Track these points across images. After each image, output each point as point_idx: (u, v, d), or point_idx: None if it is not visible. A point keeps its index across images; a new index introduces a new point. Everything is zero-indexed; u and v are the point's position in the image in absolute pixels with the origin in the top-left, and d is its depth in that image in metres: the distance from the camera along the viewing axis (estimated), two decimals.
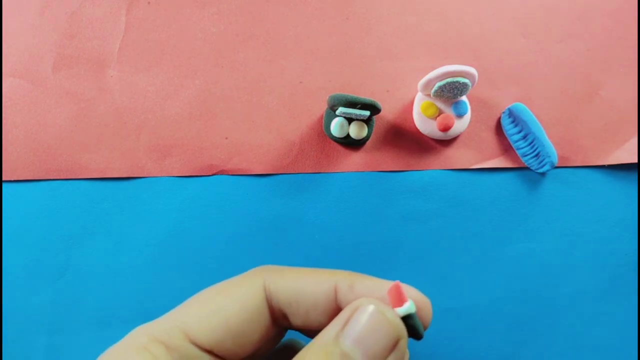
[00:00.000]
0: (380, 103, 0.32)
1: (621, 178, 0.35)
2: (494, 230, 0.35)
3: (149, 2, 0.34)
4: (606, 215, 0.35)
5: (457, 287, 0.35)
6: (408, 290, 0.18)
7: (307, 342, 0.20)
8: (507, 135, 0.35)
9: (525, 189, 0.35)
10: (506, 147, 0.35)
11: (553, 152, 0.34)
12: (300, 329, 0.19)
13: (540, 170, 0.34)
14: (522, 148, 0.34)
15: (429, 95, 0.34)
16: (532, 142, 0.34)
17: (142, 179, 0.34)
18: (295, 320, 0.18)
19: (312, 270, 0.18)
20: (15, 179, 0.33)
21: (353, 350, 0.14)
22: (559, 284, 0.35)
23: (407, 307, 0.16)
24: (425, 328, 0.18)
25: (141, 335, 0.16)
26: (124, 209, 0.33)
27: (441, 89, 0.32)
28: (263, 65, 0.34)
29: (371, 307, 0.15)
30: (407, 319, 0.16)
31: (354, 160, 0.34)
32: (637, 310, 0.35)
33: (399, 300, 0.16)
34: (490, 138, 0.35)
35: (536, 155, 0.34)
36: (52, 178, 0.33)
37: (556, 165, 0.34)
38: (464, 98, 0.34)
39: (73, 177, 0.33)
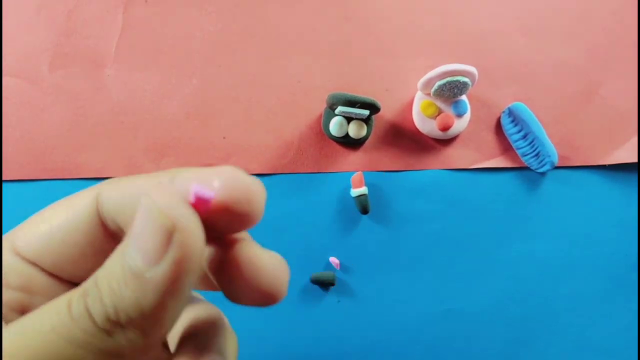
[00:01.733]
0: (379, 102, 0.32)
1: (621, 178, 0.35)
2: (494, 231, 0.35)
3: (146, 1, 0.34)
4: (607, 216, 0.35)
5: (456, 288, 0.34)
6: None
7: None
8: (507, 135, 0.35)
9: (525, 189, 0.35)
10: (506, 147, 0.35)
11: (553, 151, 0.34)
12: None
13: (541, 170, 0.34)
14: (522, 148, 0.34)
15: (428, 94, 0.34)
16: (532, 142, 0.34)
17: None
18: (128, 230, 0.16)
19: (147, 175, 0.15)
20: (11, 178, 0.33)
21: (129, 251, 0.12)
22: (558, 285, 0.35)
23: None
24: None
25: None
26: None
27: (441, 88, 0.31)
28: (261, 64, 0.34)
29: (144, 198, 0.12)
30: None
31: (353, 160, 0.34)
32: (637, 310, 0.35)
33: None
34: (490, 137, 0.35)
35: (536, 154, 0.34)
36: (48, 178, 0.33)
37: (556, 165, 0.34)
38: (463, 97, 0.34)
39: (69, 177, 0.33)
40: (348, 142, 0.34)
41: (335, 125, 0.33)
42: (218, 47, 0.34)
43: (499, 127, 0.35)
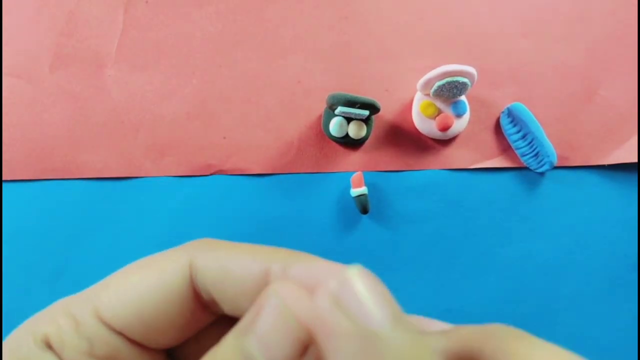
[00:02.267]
0: (379, 102, 0.32)
1: (621, 178, 0.35)
2: (493, 231, 0.35)
3: (146, 1, 0.34)
4: (606, 216, 0.35)
5: (455, 288, 0.34)
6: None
7: None
8: (506, 135, 0.35)
9: (525, 189, 0.35)
10: (505, 147, 0.35)
11: (552, 151, 0.34)
12: (234, 316, 0.16)
13: (540, 170, 0.34)
14: (521, 148, 0.34)
15: (428, 94, 0.34)
16: (531, 142, 0.34)
17: (140, 179, 0.33)
18: (225, 305, 0.15)
19: (248, 247, 0.15)
20: (12, 178, 0.33)
21: (256, 350, 0.12)
22: (558, 284, 0.35)
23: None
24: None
25: (58, 306, 0.15)
26: (121, 209, 0.33)
27: (440, 88, 0.31)
28: (261, 64, 0.34)
29: (274, 301, 0.12)
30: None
31: (353, 160, 0.34)
32: (637, 310, 0.35)
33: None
34: (489, 138, 0.35)
35: (535, 155, 0.34)
36: (48, 178, 0.33)
37: (555, 165, 0.34)
38: (463, 98, 0.34)
39: (70, 177, 0.33)
40: (348, 142, 0.34)
41: (335, 126, 0.33)
42: (218, 48, 0.34)
43: (498, 127, 0.35)
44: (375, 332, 0.11)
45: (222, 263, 0.14)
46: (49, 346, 0.14)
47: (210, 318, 0.16)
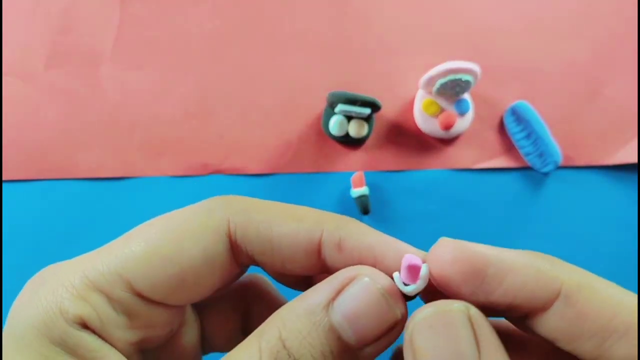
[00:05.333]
0: (380, 101, 0.31)
1: (626, 178, 0.35)
2: (497, 231, 0.34)
3: None
4: (612, 216, 0.35)
5: None
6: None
7: (272, 281, 0.18)
8: (510, 134, 0.34)
9: (529, 189, 0.35)
10: (509, 147, 0.35)
11: (557, 151, 0.33)
12: (275, 277, 0.17)
13: (544, 170, 0.34)
14: (525, 147, 0.34)
15: (430, 92, 0.33)
16: (535, 141, 0.34)
17: (135, 179, 0.33)
18: (267, 268, 0.16)
19: (288, 212, 0.15)
20: (7, 179, 0.32)
21: (342, 326, 0.13)
22: None
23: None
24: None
25: (71, 274, 0.14)
26: (117, 209, 0.33)
27: (443, 86, 0.31)
28: (260, 62, 0.34)
29: (369, 283, 0.13)
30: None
31: (353, 160, 0.34)
32: (637, 310, 0.34)
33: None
34: (492, 137, 0.35)
35: (539, 154, 0.34)
36: (43, 178, 0.33)
37: (560, 165, 0.34)
38: (466, 96, 0.33)
39: (65, 177, 0.33)
40: (348, 142, 0.33)
41: (335, 124, 0.33)
42: (216, 45, 0.34)
43: (501, 127, 0.35)
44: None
45: (268, 232, 0.15)
46: (84, 326, 0.13)
47: (243, 270, 0.17)
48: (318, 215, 0.15)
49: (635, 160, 0.34)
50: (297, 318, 0.13)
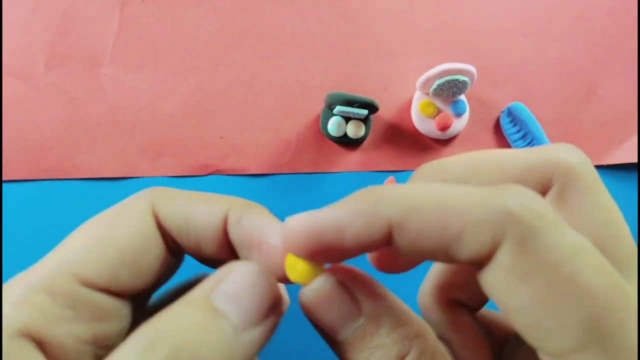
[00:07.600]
0: (378, 102, 0.32)
1: (621, 178, 0.35)
2: None
3: (143, 0, 0.34)
4: None
5: None
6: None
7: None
8: (505, 135, 0.34)
9: None
10: (505, 147, 0.35)
11: None
12: (197, 258, 0.18)
13: None
14: (521, 148, 0.34)
15: (427, 93, 0.33)
16: (531, 142, 0.34)
17: (136, 179, 0.33)
18: (189, 249, 0.17)
19: (204, 196, 0.16)
20: (7, 179, 0.32)
21: (226, 306, 0.13)
22: None
23: None
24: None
25: (15, 287, 0.14)
26: None
27: (440, 87, 0.31)
28: (259, 63, 0.34)
29: (249, 266, 0.14)
30: None
31: (351, 160, 0.34)
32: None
33: None
34: (488, 137, 0.35)
35: None
36: (43, 178, 0.33)
37: None
38: (462, 97, 0.34)
39: (65, 177, 0.33)
40: (346, 142, 0.34)
41: (333, 125, 0.33)
42: (215, 47, 0.34)
43: (497, 127, 0.35)
44: None
45: (185, 211, 0.16)
46: (27, 334, 0.13)
47: (178, 260, 0.18)
48: (230, 199, 0.16)
49: (635, 160, 0.34)
50: (182, 306, 0.13)
